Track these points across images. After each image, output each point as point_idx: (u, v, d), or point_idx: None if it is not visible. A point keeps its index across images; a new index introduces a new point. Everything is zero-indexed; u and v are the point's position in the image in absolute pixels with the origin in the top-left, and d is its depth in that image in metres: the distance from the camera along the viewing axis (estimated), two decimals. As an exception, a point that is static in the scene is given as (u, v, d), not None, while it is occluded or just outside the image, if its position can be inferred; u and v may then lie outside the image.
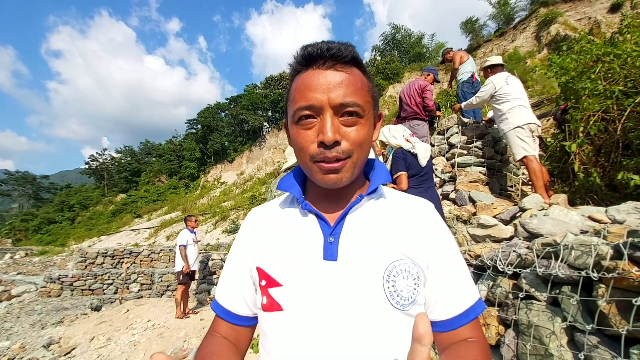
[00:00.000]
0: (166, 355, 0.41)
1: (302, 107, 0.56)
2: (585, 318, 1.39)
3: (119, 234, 24.03)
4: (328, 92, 0.55)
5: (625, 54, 2.92)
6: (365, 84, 0.59)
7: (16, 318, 6.84)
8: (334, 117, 0.55)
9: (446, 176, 4.23)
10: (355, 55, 0.59)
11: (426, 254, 0.59)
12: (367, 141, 0.59)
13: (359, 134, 0.56)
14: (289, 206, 0.69)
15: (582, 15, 14.69)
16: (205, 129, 44.09)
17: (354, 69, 0.58)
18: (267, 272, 0.61)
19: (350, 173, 0.58)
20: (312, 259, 0.58)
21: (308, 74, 0.57)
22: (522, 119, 3.19)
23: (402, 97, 4.61)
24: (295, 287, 0.57)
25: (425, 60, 23.97)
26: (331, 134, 0.54)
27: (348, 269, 0.56)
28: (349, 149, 0.56)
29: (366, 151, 0.60)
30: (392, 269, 0.56)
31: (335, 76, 0.56)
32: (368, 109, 0.58)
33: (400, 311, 0.55)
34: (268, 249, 0.64)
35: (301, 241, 0.61)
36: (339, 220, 0.61)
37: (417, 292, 0.57)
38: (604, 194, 2.95)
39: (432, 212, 0.66)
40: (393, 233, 0.60)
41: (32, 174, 54.04)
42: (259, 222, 0.70)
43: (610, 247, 1.37)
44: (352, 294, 0.54)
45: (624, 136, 2.84)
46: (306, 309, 0.55)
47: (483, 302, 0.62)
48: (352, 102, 0.55)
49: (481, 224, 2.40)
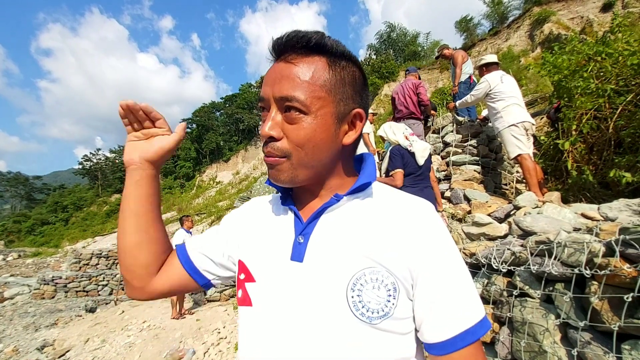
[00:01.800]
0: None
1: (258, 99, 0.56)
2: (578, 315, 1.40)
3: (114, 235, 23.82)
4: (272, 85, 0.52)
5: (616, 53, 2.96)
6: (321, 76, 0.52)
7: (9, 320, 6.76)
8: (278, 112, 0.53)
9: (441, 174, 4.25)
10: (319, 41, 0.52)
11: (409, 264, 0.51)
12: (313, 141, 0.52)
13: (298, 133, 0.51)
14: (276, 202, 0.67)
15: (574, 14, 14.84)
16: (201, 129, 43.89)
17: (316, 57, 0.53)
18: (247, 266, 0.60)
19: (289, 174, 0.54)
20: (281, 258, 0.56)
21: (271, 66, 0.55)
22: (517, 117, 3.22)
23: (396, 98, 4.61)
24: (265, 284, 0.57)
25: (420, 59, 24.05)
26: (267, 129, 0.52)
27: (312, 272, 0.53)
28: (284, 148, 0.52)
29: (313, 153, 0.53)
30: (360, 276, 0.50)
31: (284, 68, 0.52)
32: (319, 105, 0.52)
33: (367, 324, 0.49)
34: (250, 243, 0.63)
35: (275, 238, 0.60)
36: (310, 220, 0.57)
37: (391, 304, 0.50)
38: (596, 191, 2.98)
39: (429, 215, 0.56)
40: (369, 237, 0.53)
41: (24, 175, 53.39)
42: (248, 214, 0.70)
43: (602, 244, 1.38)
44: (313, 299, 0.51)
45: (616, 134, 2.87)
46: (271, 307, 0.54)
47: (488, 322, 0.52)
48: (291, 96, 0.50)
49: (476, 222, 2.41)
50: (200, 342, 4.34)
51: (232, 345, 4.03)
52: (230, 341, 4.21)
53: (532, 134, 3.28)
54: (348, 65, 0.55)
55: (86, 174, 49.98)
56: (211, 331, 4.69)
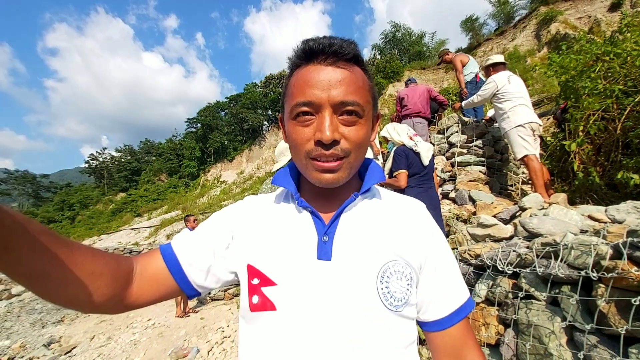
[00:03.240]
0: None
1: (300, 103, 0.54)
2: (584, 318, 1.39)
3: (119, 233, 24.02)
4: (328, 90, 0.53)
5: (625, 53, 2.92)
6: (366, 83, 0.58)
7: (16, 317, 6.85)
8: (333, 115, 0.54)
9: (446, 175, 4.23)
10: (357, 52, 0.57)
11: (419, 255, 0.60)
12: (366, 142, 0.57)
13: (358, 134, 0.55)
14: (284, 201, 0.67)
15: (582, 13, 14.67)
16: (205, 128, 44.08)
17: (355, 67, 0.57)
18: (261, 270, 0.58)
19: (346, 173, 0.57)
20: (306, 258, 0.57)
21: (308, 69, 0.55)
22: (524, 118, 3.19)
23: (405, 98, 4.64)
24: (290, 286, 0.55)
25: (425, 58, 23.93)
26: (329, 132, 0.52)
27: (342, 269, 0.55)
28: (347, 148, 0.55)
29: (363, 152, 0.59)
30: (386, 269, 0.55)
31: (337, 73, 0.54)
32: (368, 109, 0.57)
33: (393, 312, 0.54)
34: (261, 246, 0.61)
35: (296, 239, 0.59)
36: (333, 219, 0.59)
37: (409, 292, 0.57)
38: (603, 193, 2.95)
39: (425, 213, 0.67)
40: (387, 233, 0.59)
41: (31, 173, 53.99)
42: (253, 215, 0.67)
43: (609, 246, 1.37)
44: (345, 294, 0.53)
45: (624, 135, 2.84)
46: (300, 309, 0.54)
47: (473, 300, 0.64)
48: (353, 101, 0.53)
49: (481, 224, 2.40)
50: (204, 341, 4.37)
51: (236, 344, 4.05)
52: (234, 340, 4.23)
53: (539, 135, 3.26)
54: (370, 75, 0.61)
55: (92, 173, 50.42)
56: (215, 330, 4.72)
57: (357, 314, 0.53)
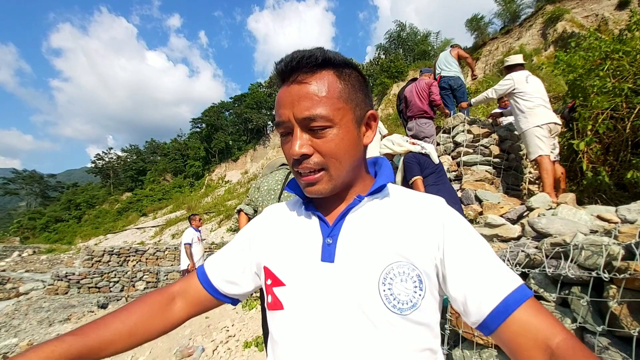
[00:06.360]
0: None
1: (277, 124, 0.58)
2: (595, 319, 1.37)
3: (125, 232, 24.24)
4: (292, 108, 0.55)
5: (634, 51, 2.88)
6: (336, 88, 0.55)
7: (24, 315, 6.93)
8: (302, 131, 0.55)
9: (452, 175, 4.20)
10: (326, 56, 0.55)
11: (429, 255, 0.55)
12: (343, 149, 0.56)
13: (329, 145, 0.55)
14: (297, 207, 0.70)
15: (589, 12, 14.49)
16: (210, 128, 44.27)
17: (324, 72, 0.56)
18: (273, 272, 0.62)
19: (330, 184, 0.58)
20: (311, 260, 0.59)
21: (281, 89, 0.58)
22: (543, 119, 3.20)
23: (408, 96, 4.57)
24: (296, 287, 0.59)
25: (430, 58, 23.80)
26: (297, 148, 0.54)
27: (344, 271, 0.56)
28: (321, 161, 0.56)
29: (347, 160, 0.58)
30: (389, 271, 0.54)
31: (298, 89, 0.55)
32: (341, 115, 0.56)
33: (398, 315, 0.52)
34: (274, 249, 0.65)
35: (303, 242, 0.62)
36: (337, 222, 0.61)
37: (418, 296, 0.53)
38: (612, 193, 2.91)
39: (440, 208, 0.60)
40: (393, 234, 0.57)
41: (39, 173, 54.70)
42: (270, 221, 0.72)
43: (621, 247, 1.35)
44: (347, 296, 0.54)
45: (633, 134, 2.80)
46: (304, 308, 0.57)
47: (526, 288, 0.52)
48: (316, 114, 0.53)
49: (488, 224, 2.37)
50: (209, 340, 4.38)
51: (241, 343, 4.06)
52: (238, 339, 4.24)
53: (556, 134, 3.25)
54: (352, 72, 0.59)
55: (98, 173, 50.93)
56: (220, 329, 4.73)
57: (359, 315, 0.53)
